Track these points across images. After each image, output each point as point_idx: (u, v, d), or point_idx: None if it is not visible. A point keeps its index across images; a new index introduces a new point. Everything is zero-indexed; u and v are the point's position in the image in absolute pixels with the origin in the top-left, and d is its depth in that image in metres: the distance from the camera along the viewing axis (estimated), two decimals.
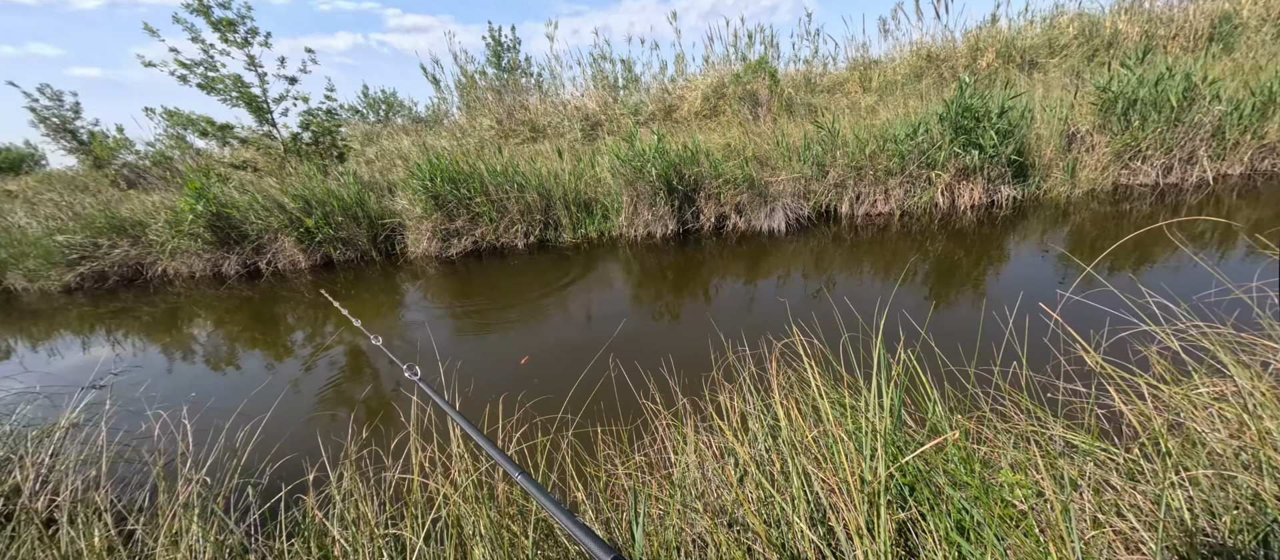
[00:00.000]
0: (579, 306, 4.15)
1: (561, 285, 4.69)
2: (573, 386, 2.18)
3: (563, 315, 4.00)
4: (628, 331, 3.49)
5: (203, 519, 1.13)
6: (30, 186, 9.32)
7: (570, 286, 4.63)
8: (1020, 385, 1.32)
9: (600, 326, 3.67)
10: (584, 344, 3.39)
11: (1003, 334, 2.03)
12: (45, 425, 1.73)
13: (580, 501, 1.31)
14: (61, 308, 5.94)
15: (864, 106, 8.03)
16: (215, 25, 6.22)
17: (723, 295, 4.04)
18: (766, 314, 3.54)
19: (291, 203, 6.01)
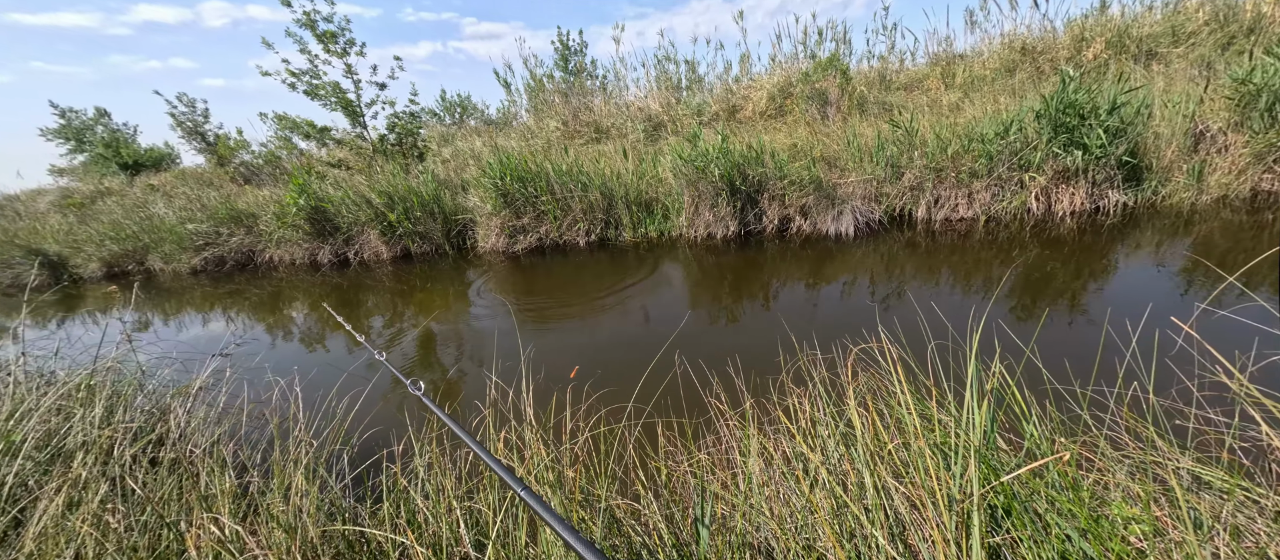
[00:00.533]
0: (643, 304, 4.18)
1: (627, 283, 4.75)
2: (636, 379, 2.20)
3: (627, 312, 4.05)
4: (691, 330, 3.48)
5: (308, 477, 1.26)
6: (168, 182, 10.77)
7: (635, 284, 4.68)
8: (1139, 409, 1.18)
9: (663, 324, 3.68)
10: (648, 340, 3.41)
11: (1108, 350, 1.82)
12: (181, 386, 2.01)
13: (642, 493, 1.32)
14: (189, 287, 6.81)
15: (945, 104, 7.49)
16: (319, 37, 6.88)
17: (788, 298, 3.92)
18: (835, 319, 3.40)
19: (377, 198, 6.52)
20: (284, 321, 5.03)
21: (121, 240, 7.85)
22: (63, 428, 1.55)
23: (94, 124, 12.48)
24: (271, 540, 1.07)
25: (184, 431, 1.65)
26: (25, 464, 1.35)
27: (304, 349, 4.23)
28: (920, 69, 10.42)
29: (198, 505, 1.11)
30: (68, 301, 6.87)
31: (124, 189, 11.09)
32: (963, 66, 9.49)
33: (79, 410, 1.59)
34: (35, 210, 11.10)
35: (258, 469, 1.47)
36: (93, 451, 1.38)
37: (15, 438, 1.45)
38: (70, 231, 8.36)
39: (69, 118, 12.30)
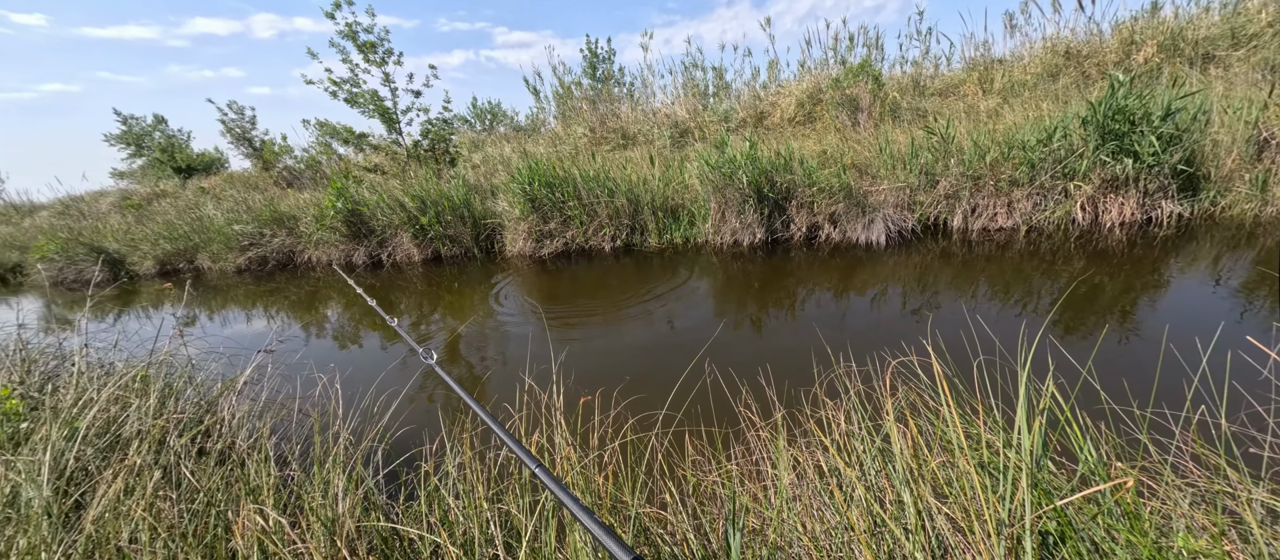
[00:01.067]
0: (670, 310, 4.17)
1: (654, 289, 4.74)
2: (663, 386, 2.19)
3: (654, 318, 4.04)
4: (718, 337, 3.45)
5: (345, 473, 1.30)
6: (217, 185, 11.34)
7: (662, 291, 4.67)
8: (1206, 435, 1.10)
9: (690, 331, 3.65)
10: (675, 346, 3.40)
11: (1168, 371, 1.71)
12: (227, 379, 2.11)
13: (669, 501, 1.31)
14: (234, 285, 7.14)
15: (983, 110, 7.26)
16: (360, 47, 7.15)
17: (819, 307, 3.85)
18: (869, 329, 3.31)
19: (410, 202, 6.71)
20: (321, 320, 5.21)
21: (174, 240, 8.30)
22: (120, 417, 1.64)
23: (152, 130, 13.27)
24: (311, 532, 1.10)
25: (230, 424, 1.73)
26: (86, 450, 1.43)
27: (339, 347, 4.37)
28: (956, 74, 10.15)
29: (245, 496, 1.15)
30: (125, 297, 7.29)
31: (177, 191, 11.73)
32: (1001, 71, 9.19)
33: (135, 401, 1.69)
34: (98, 211, 11.85)
35: (298, 462, 1.52)
36: (147, 440, 1.46)
37: (78, 425, 1.54)
38: (128, 231, 8.89)
39: (130, 124, 13.11)
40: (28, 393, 1.92)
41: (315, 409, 1.52)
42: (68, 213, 12.38)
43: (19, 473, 1.42)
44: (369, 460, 1.40)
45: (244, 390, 2.01)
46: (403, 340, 4.25)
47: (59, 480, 1.29)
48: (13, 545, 1.24)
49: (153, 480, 1.28)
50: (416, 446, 1.54)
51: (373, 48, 7.25)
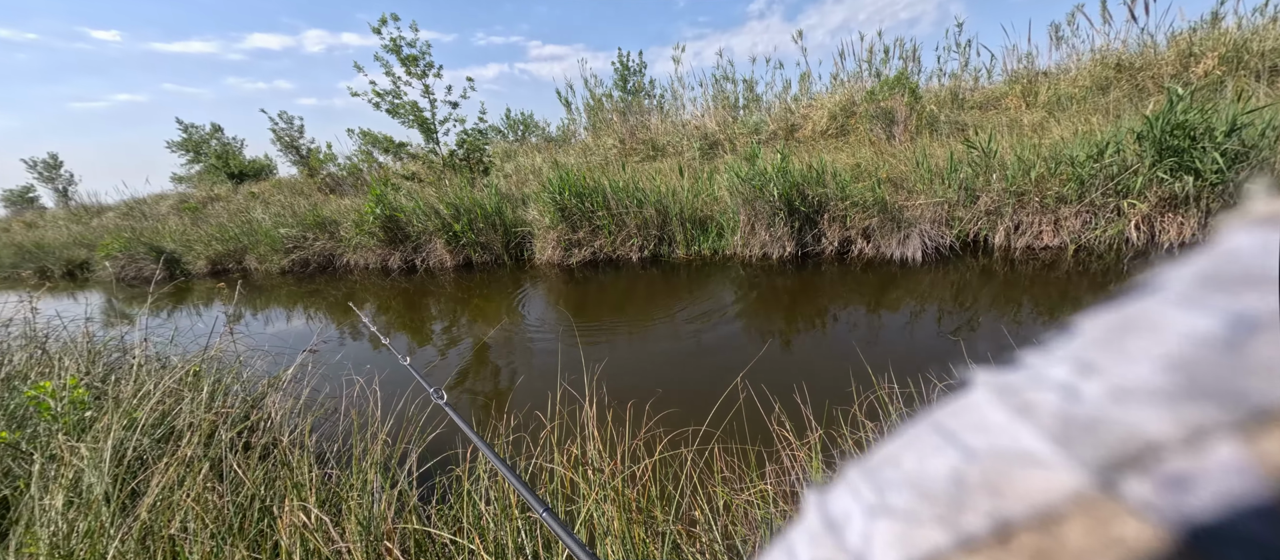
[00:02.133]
0: (700, 323, 4.14)
1: (684, 300, 4.73)
2: (694, 399, 2.16)
3: (685, 330, 4.02)
4: (750, 352, 3.40)
5: (382, 473, 1.33)
6: (266, 190, 11.94)
7: (691, 303, 4.65)
8: None
9: (721, 345, 3.61)
10: (705, 360, 3.36)
11: None
12: (271, 377, 2.20)
13: (699, 518, 1.28)
14: (278, 285, 7.47)
15: (1027, 124, 7.00)
16: (403, 61, 7.46)
17: (854, 324, 3.74)
18: (909, 348, 3.20)
19: (445, 209, 6.91)
20: (358, 322, 5.38)
21: (225, 241, 8.76)
22: (174, 409, 1.73)
23: (209, 138, 14.12)
24: (349, 531, 1.13)
25: (274, 420, 1.80)
26: (143, 440, 1.51)
27: (372, 349, 4.51)
28: (997, 87, 9.85)
29: (290, 492, 1.19)
30: (180, 294, 7.72)
31: (230, 196, 12.41)
32: (1047, 84, 8.86)
33: (187, 394, 1.77)
34: (158, 213, 12.64)
35: (336, 460, 1.57)
36: (198, 433, 1.53)
37: (137, 415, 1.63)
38: (185, 232, 9.44)
39: (190, 132, 13.99)
40: (92, 383, 2.05)
41: (355, 410, 1.56)
42: (131, 214, 13.26)
43: (82, 458, 1.51)
44: (404, 461, 1.43)
45: (287, 388, 2.09)
46: (420, 381, 4.34)
47: (118, 468, 1.37)
48: (74, 528, 1.31)
49: (202, 472, 1.34)
50: (449, 450, 1.56)
51: (415, 61, 7.54)
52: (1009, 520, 0.09)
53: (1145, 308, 0.10)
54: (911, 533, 0.10)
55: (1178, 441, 0.08)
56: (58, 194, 17.41)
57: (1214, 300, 0.09)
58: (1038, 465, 0.09)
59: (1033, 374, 0.11)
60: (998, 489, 0.10)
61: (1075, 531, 0.09)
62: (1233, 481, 0.08)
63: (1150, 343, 0.09)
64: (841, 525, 0.12)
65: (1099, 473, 0.09)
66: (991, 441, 0.10)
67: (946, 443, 0.11)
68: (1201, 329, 0.09)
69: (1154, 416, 0.09)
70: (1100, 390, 0.09)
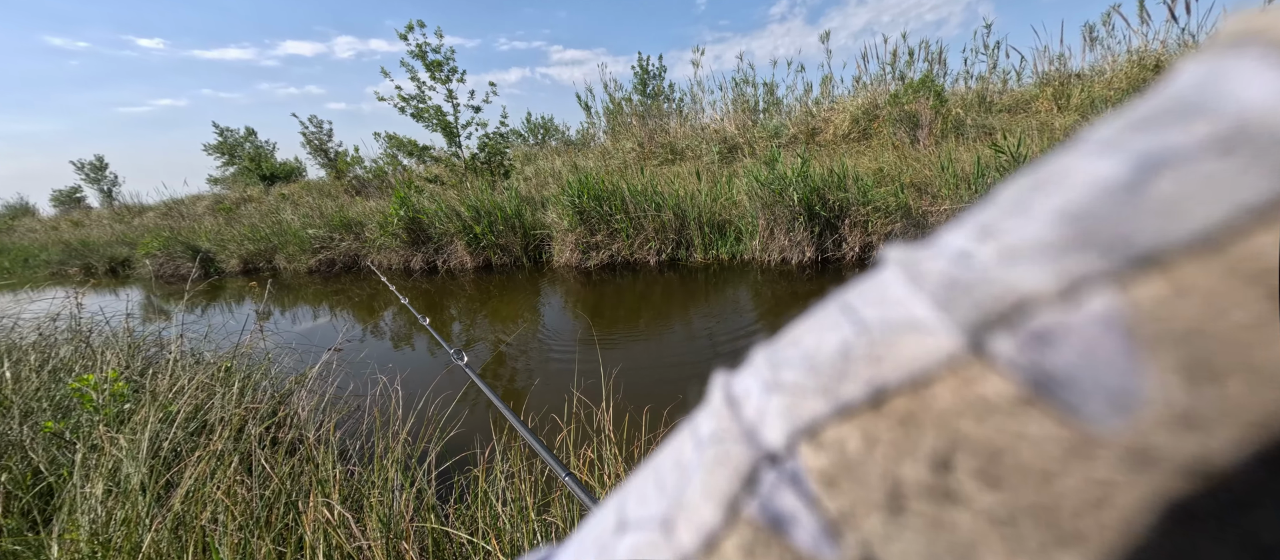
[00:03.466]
0: (719, 327, 4.11)
1: (701, 305, 4.71)
2: None
3: (703, 334, 4.00)
4: None
5: (402, 472, 1.36)
6: (295, 191, 12.32)
7: (710, 307, 4.63)
8: None
9: (742, 348, 3.59)
10: (724, 365, 3.35)
11: None
12: (297, 374, 2.27)
13: None
14: (304, 284, 7.70)
15: (1058, 128, 6.80)
16: (428, 66, 7.63)
17: None
18: None
19: (466, 211, 7.02)
20: (381, 322, 5.51)
21: (256, 241, 9.06)
22: (206, 404, 1.80)
23: (243, 141, 14.65)
24: (370, 528, 1.16)
25: (299, 417, 1.85)
26: (178, 433, 1.58)
27: (395, 348, 4.60)
28: (1027, 90, 9.59)
29: (315, 488, 1.22)
30: (213, 291, 8.02)
31: (261, 197, 12.84)
32: (1080, 86, 8.59)
33: (219, 389, 1.84)
34: (194, 213, 13.16)
35: (358, 456, 1.61)
36: (228, 428, 1.58)
37: (172, 409, 1.69)
38: (219, 232, 9.80)
39: (225, 136, 14.54)
40: (132, 377, 2.15)
41: (376, 408, 1.60)
42: (170, 214, 13.83)
43: (121, 449, 1.58)
44: (423, 460, 1.46)
45: (312, 385, 2.15)
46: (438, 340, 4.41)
47: (154, 460, 1.42)
48: (112, 516, 1.37)
49: (232, 465, 1.39)
50: (467, 450, 1.58)
51: (439, 66, 7.70)
52: (884, 386, 0.09)
53: (1061, 161, 0.10)
54: (797, 403, 0.10)
55: (1051, 296, 0.08)
56: (103, 194, 18.27)
57: (1132, 141, 0.08)
58: (918, 331, 0.09)
59: (939, 245, 0.10)
60: (879, 358, 0.09)
61: (943, 392, 0.08)
62: (1098, 333, 0.07)
63: (1053, 197, 0.09)
64: (740, 400, 0.12)
65: (970, 333, 0.08)
66: (883, 313, 0.10)
67: (845, 318, 0.11)
68: (1106, 174, 0.08)
69: (1032, 272, 0.08)
70: (991, 251, 0.09)
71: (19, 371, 2.25)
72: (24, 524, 1.47)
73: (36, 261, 12.65)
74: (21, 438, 1.81)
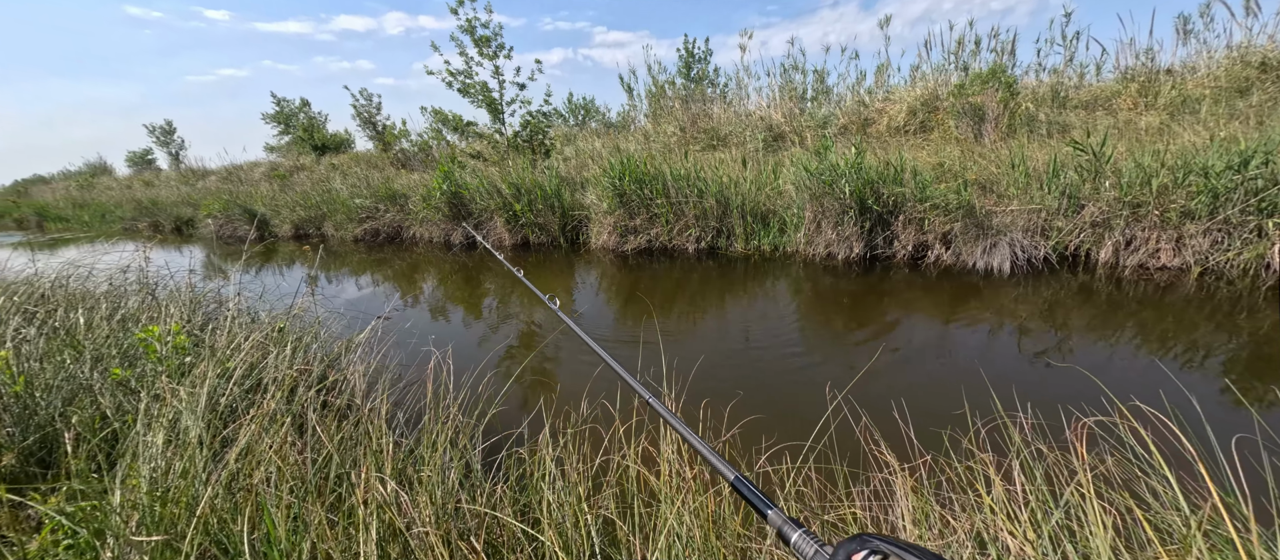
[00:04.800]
0: (774, 323, 3.97)
1: (752, 297, 4.57)
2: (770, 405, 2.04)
3: (759, 327, 3.87)
4: (831, 359, 3.22)
5: (453, 449, 1.32)
6: (344, 162, 12.71)
7: (765, 299, 4.49)
8: None
9: (795, 348, 3.45)
10: (778, 361, 3.22)
11: None
12: (347, 339, 2.30)
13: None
14: (350, 252, 7.94)
15: (1143, 127, 6.22)
16: (476, 42, 7.63)
17: (942, 337, 3.45)
18: (1009, 370, 2.91)
19: (507, 189, 7.05)
20: (421, 291, 5.61)
21: (307, 208, 9.40)
22: (261, 363, 1.83)
23: (298, 112, 15.19)
24: (420, 506, 1.12)
25: (351, 383, 1.86)
26: (234, 390, 1.60)
27: (440, 320, 4.67)
28: (1106, 85, 8.83)
29: (368, 461, 1.20)
30: (266, 254, 8.38)
31: (313, 166, 13.31)
32: (1170, 83, 7.83)
33: (273, 350, 1.87)
34: (252, 178, 13.78)
35: (407, 430, 1.59)
36: (281, 389, 1.59)
37: (229, 365, 1.72)
38: (273, 198, 10.22)
39: (282, 106, 15.10)
40: (192, 331, 2.22)
41: (428, 381, 1.57)
42: (230, 178, 14.54)
43: (181, 401, 1.61)
44: (474, 437, 1.42)
45: (360, 352, 2.17)
46: (531, 298, 4.43)
47: (211, 415, 1.44)
48: (170, 467, 1.39)
49: (284, 426, 1.38)
50: (512, 428, 1.54)
51: (487, 42, 7.70)
52: None
53: None
54: None
55: None
56: (171, 157, 19.40)
57: None
58: None
59: None
60: None
61: None
62: None
63: None
64: None
65: None
66: None
67: None
68: None
69: None
70: None
71: (91, 318, 2.36)
72: (90, 467, 1.52)
73: (112, 217, 13.59)
74: (92, 382, 1.88)
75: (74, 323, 2.26)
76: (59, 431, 1.69)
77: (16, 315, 2.29)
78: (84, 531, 1.28)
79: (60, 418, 1.75)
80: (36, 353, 2.01)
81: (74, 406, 1.80)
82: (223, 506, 1.16)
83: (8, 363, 1.85)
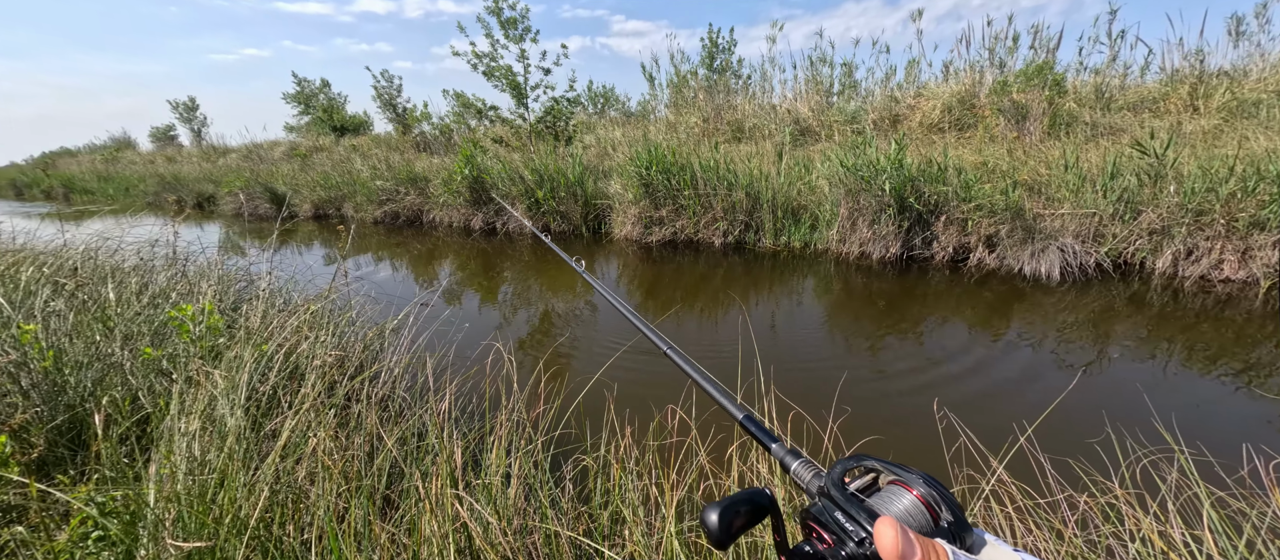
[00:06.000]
0: (843, 324, 3.82)
1: (799, 295, 4.42)
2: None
3: (818, 329, 3.72)
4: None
5: (510, 454, 1.21)
6: (364, 144, 12.68)
7: (782, 294, 4.34)
8: None
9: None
10: (841, 365, 3.08)
11: None
12: (380, 324, 2.20)
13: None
14: (370, 234, 7.90)
15: (1194, 131, 5.91)
16: (502, 24, 7.48)
17: (1007, 349, 3.27)
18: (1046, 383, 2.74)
19: (529, 175, 6.93)
20: (460, 278, 5.52)
21: (328, 188, 9.38)
22: (298, 348, 1.73)
23: (318, 92, 15.19)
24: (490, 522, 1.00)
25: (395, 373, 1.76)
26: (273, 378, 1.51)
27: (490, 310, 4.58)
28: (1152, 86, 8.44)
29: (442, 469, 1.08)
30: (286, 233, 8.37)
31: (332, 147, 13.31)
32: (1223, 85, 7.46)
33: (309, 335, 1.78)
34: (272, 157, 13.82)
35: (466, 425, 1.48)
36: (321, 378, 1.49)
37: (265, 349, 1.63)
38: (294, 177, 10.21)
39: (303, 86, 15.11)
40: (225, 311, 2.13)
41: (487, 377, 1.46)
42: (250, 157, 14.61)
43: (216, 386, 1.51)
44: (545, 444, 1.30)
45: (401, 342, 2.06)
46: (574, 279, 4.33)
47: (249, 403, 1.34)
48: (206, 458, 1.29)
49: (326, 418, 1.28)
50: (571, 428, 1.43)
51: (514, 24, 7.55)
52: None
53: None
54: None
55: None
56: (193, 134, 19.57)
57: None
58: None
59: None
60: None
61: None
62: None
63: None
64: None
65: None
66: None
67: None
68: None
69: None
70: None
71: (121, 293, 2.28)
72: (120, 452, 1.43)
73: (136, 191, 13.73)
74: (122, 360, 1.80)
75: (104, 297, 2.19)
76: (89, 412, 1.61)
77: (46, 286, 2.22)
78: (114, 525, 1.19)
79: (90, 397, 1.67)
80: (66, 327, 1.93)
81: (104, 386, 1.72)
82: (265, 508, 1.06)
83: (36, 337, 1.78)
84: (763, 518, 0.41)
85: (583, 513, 1.16)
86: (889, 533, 0.30)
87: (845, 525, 0.36)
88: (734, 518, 0.39)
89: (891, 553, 0.29)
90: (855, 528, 0.36)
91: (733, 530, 0.39)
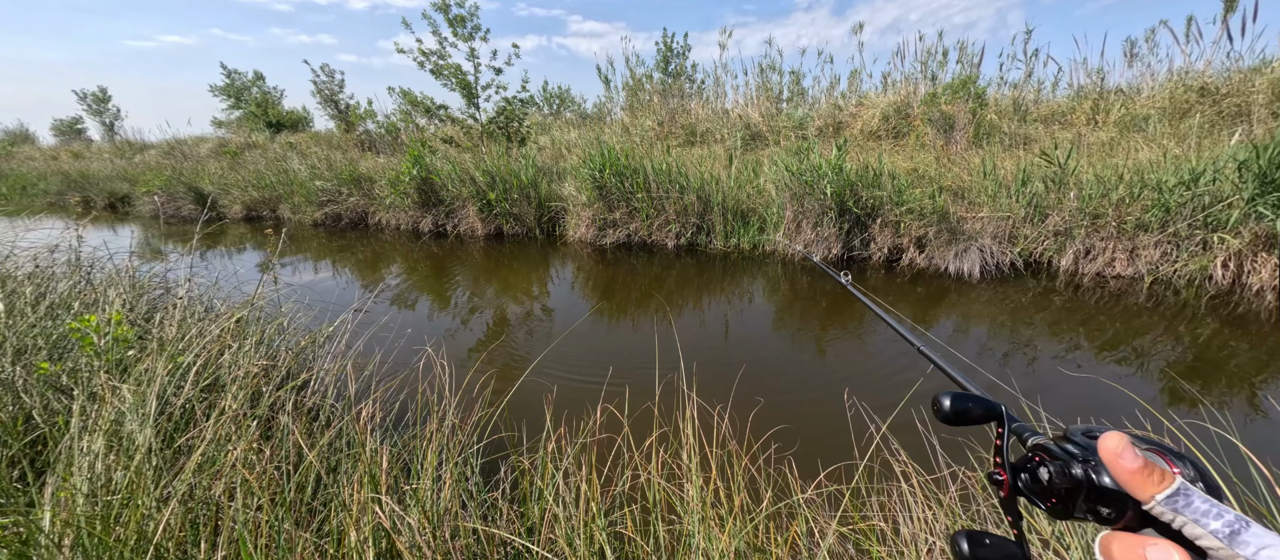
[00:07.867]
0: (792, 322, 3.96)
1: (749, 294, 4.55)
2: (784, 407, 1.99)
3: (760, 325, 3.84)
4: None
5: (449, 461, 1.21)
6: (302, 141, 12.00)
7: (760, 298, 4.47)
8: None
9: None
10: (789, 364, 3.20)
11: None
12: (314, 332, 2.11)
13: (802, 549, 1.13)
14: (309, 237, 7.49)
15: (1094, 143, 6.58)
16: (450, 22, 7.29)
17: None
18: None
19: (481, 177, 6.80)
20: (403, 283, 5.33)
21: (261, 188, 8.81)
22: (218, 358, 1.64)
23: (251, 85, 14.23)
24: (416, 523, 1.00)
25: (324, 383, 1.69)
26: (188, 391, 1.42)
27: (425, 314, 4.43)
28: (1061, 102, 9.31)
29: (362, 474, 1.06)
30: (213, 236, 7.80)
31: (266, 144, 12.51)
32: (1119, 102, 8.32)
33: (232, 344, 1.68)
34: (198, 155, 12.83)
35: (394, 433, 1.45)
36: (243, 388, 1.43)
37: (181, 360, 1.54)
38: (222, 176, 9.53)
39: (233, 78, 14.12)
40: (136, 320, 1.98)
41: (420, 382, 1.44)
42: (172, 153, 13.49)
43: (124, 401, 1.42)
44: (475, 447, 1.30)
45: (333, 348, 1.99)
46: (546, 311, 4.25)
47: (161, 418, 1.27)
48: (112, 479, 1.22)
49: (250, 433, 1.23)
50: (505, 432, 1.43)
51: (462, 22, 7.38)
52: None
53: None
54: None
55: None
56: (104, 128, 17.85)
57: None
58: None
59: None
60: None
61: None
62: None
63: None
64: None
65: None
66: None
67: None
68: None
69: None
70: None
71: (13, 304, 2.08)
72: (11, 476, 1.31)
73: (35, 190, 12.37)
74: (13, 378, 1.65)
75: None
76: None
77: None
78: (4, 554, 1.10)
79: None
80: None
81: None
82: (177, 526, 1.01)
83: None
84: (990, 420, 0.43)
85: (517, 512, 1.18)
86: (1114, 438, 0.33)
87: (1072, 450, 0.38)
88: (968, 404, 0.42)
89: (1113, 453, 0.32)
90: (1082, 451, 0.37)
91: (963, 415, 0.42)
